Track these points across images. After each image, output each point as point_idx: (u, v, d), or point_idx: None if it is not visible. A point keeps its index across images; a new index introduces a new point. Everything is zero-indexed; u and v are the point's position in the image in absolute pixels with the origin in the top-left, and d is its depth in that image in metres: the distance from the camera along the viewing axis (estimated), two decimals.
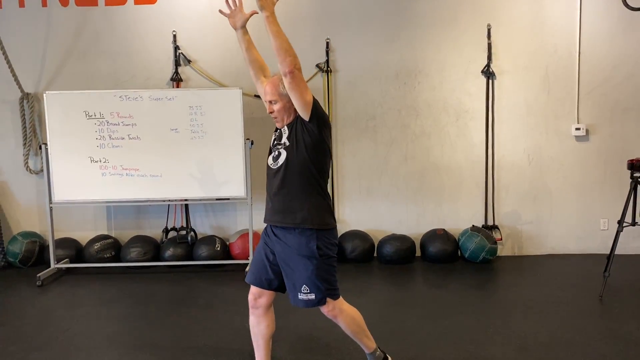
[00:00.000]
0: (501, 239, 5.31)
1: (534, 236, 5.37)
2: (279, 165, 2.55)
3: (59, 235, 5.29)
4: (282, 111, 2.55)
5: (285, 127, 2.58)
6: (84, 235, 5.41)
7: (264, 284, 2.65)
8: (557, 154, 5.28)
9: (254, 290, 2.68)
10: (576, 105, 5.20)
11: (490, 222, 5.35)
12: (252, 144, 4.83)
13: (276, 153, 2.58)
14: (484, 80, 5.23)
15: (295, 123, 2.54)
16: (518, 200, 5.36)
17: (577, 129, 5.20)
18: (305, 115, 2.47)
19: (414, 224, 5.41)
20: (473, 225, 5.22)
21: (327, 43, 5.23)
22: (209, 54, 5.30)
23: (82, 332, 3.68)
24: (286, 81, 2.39)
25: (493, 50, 5.18)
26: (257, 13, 2.53)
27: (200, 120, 4.78)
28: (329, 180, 5.32)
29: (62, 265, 5.06)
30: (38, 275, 4.70)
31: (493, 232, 5.29)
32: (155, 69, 5.33)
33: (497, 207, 5.35)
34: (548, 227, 5.35)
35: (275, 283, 2.65)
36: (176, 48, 5.27)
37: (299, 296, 2.56)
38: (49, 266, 4.97)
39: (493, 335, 3.48)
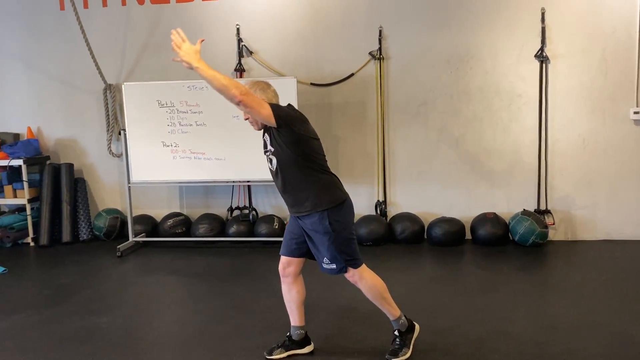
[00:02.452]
0: (554, 224, 5.31)
1: (589, 221, 5.33)
2: (275, 168, 2.87)
3: (137, 212, 5.88)
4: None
5: (266, 135, 2.87)
6: (159, 213, 5.99)
7: (292, 253, 2.99)
8: (614, 138, 5.19)
9: (283, 260, 3.02)
10: (635, 88, 5.07)
11: (542, 207, 5.36)
12: None
13: (269, 160, 2.89)
14: (538, 64, 5.22)
15: (271, 129, 2.80)
16: (572, 185, 5.33)
17: (636, 112, 5.08)
18: (271, 124, 2.73)
19: (465, 207, 5.52)
20: (524, 209, 5.26)
21: (380, 31, 5.41)
22: (268, 45, 5.65)
23: (151, 296, 4.20)
24: (241, 109, 2.67)
25: (547, 34, 5.15)
26: (204, 40, 2.73)
27: None
28: (379, 164, 5.55)
29: (139, 239, 5.65)
30: (118, 247, 5.30)
31: (545, 217, 5.30)
32: (221, 60, 5.74)
33: (550, 192, 5.35)
34: (604, 212, 5.29)
35: (302, 250, 2.97)
36: (239, 40, 5.66)
37: (323, 265, 2.89)
38: (128, 239, 5.57)
39: (525, 313, 3.61)
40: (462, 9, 5.30)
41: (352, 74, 5.51)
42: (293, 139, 2.76)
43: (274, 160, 2.84)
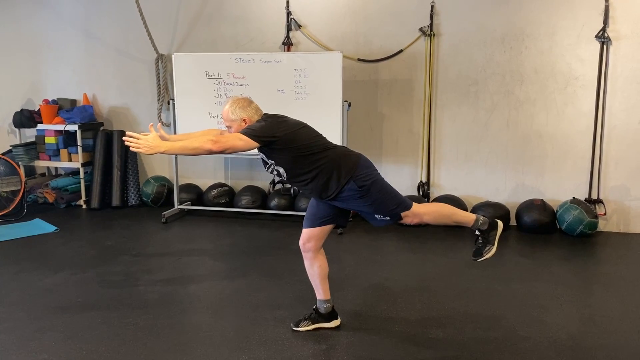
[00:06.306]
0: (605, 214, 5.08)
1: None
2: (284, 177, 2.87)
3: (184, 181, 6.03)
4: None
5: (260, 153, 2.88)
6: (204, 182, 6.11)
7: (315, 223, 3.02)
8: None
9: (304, 234, 3.05)
10: None
11: (594, 196, 5.13)
12: (349, 106, 5.08)
13: (275, 172, 2.88)
14: (598, 45, 4.94)
15: (260, 147, 2.80)
16: (628, 174, 5.06)
17: None
18: (256, 147, 2.74)
19: (511, 192, 5.35)
20: (574, 198, 5.05)
21: (432, 6, 5.25)
22: (317, 18, 5.59)
23: (190, 263, 4.31)
24: (223, 154, 2.80)
25: (610, 14, 4.85)
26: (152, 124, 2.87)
27: (304, 82, 5.13)
28: (424, 144, 5.44)
29: (184, 206, 5.80)
30: (163, 213, 5.46)
31: (597, 207, 5.07)
32: (270, 33, 5.74)
33: (603, 181, 5.10)
34: None
35: (327, 219, 3.00)
36: (288, 14, 5.63)
37: (377, 219, 2.89)
38: (174, 207, 5.73)
39: (563, 304, 3.49)
40: None
41: (401, 50, 5.39)
42: (283, 143, 2.77)
43: (281, 170, 2.86)
